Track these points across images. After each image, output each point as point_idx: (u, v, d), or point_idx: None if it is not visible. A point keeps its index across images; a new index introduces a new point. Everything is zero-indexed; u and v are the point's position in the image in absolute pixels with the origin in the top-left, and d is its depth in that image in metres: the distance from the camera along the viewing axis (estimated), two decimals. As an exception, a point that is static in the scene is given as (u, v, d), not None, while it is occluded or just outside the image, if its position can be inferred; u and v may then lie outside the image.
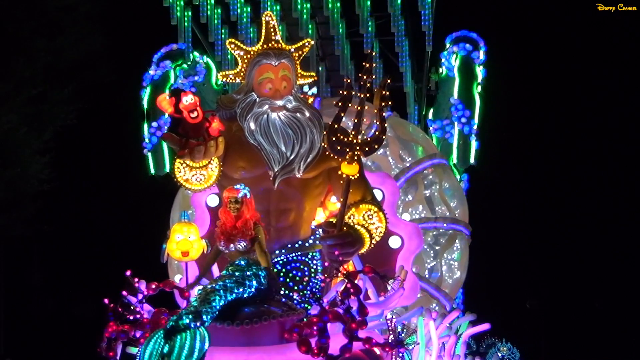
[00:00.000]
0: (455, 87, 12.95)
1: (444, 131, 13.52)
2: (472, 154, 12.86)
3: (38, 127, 15.41)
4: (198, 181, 7.86)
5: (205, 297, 6.61)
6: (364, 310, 6.70)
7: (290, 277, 7.96)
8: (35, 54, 15.20)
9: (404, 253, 9.09)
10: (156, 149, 13.15)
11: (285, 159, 7.99)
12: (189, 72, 13.57)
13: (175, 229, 8.02)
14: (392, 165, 10.85)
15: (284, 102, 8.05)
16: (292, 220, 8.20)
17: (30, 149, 15.42)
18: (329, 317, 6.47)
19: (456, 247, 10.93)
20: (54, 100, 15.69)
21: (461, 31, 13.32)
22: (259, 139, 8.00)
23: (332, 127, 7.49)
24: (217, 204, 9.17)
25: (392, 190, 9.35)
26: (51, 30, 15.47)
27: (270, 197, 8.06)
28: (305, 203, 8.27)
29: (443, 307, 10.26)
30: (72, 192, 17.64)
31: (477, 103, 12.82)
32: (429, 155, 10.93)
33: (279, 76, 8.10)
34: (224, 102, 8.29)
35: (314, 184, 8.28)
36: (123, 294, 7.05)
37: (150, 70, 13.36)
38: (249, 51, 8.31)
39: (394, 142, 10.92)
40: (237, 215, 7.31)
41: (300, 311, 7.27)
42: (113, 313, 6.95)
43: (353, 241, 7.68)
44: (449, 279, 10.87)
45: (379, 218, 8.03)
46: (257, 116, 8.03)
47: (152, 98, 13.19)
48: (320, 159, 8.10)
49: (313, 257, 8.21)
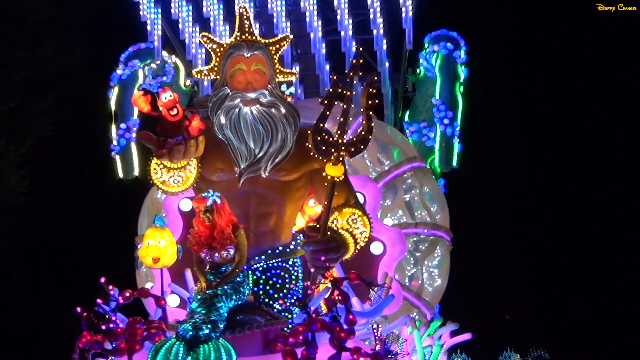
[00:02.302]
0: (437, 87, 12.87)
1: (420, 134, 13.45)
2: (454, 156, 12.79)
3: (16, 140, 15.41)
4: (176, 183, 7.68)
5: (211, 303, 6.47)
6: (352, 319, 6.54)
7: (270, 285, 7.76)
8: (13, 66, 15.24)
9: (386, 260, 8.98)
10: (125, 152, 12.97)
11: (252, 156, 7.79)
12: (157, 72, 13.39)
13: (147, 234, 7.83)
14: (370, 168, 10.69)
15: (256, 95, 7.87)
16: (272, 225, 8.00)
17: (9, 161, 15.43)
18: (317, 326, 6.31)
19: (437, 254, 10.80)
20: (32, 113, 15.73)
21: (440, 30, 13.27)
22: (228, 133, 7.82)
23: (317, 127, 7.35)
24: (190, 209, 9.00)
25: (373, 194, 9.22)
26: (30, 43, 15.53)
27: (249, 201, 7.86)
28: (287, 207, 8.08)
29: (424, 316, 10.12)
30: (50, 204, 17.56)
31: (460, 104, 12.75)
32: (409, 158, 10.79)
33: (251, 68, 7.95)
34: (200, 102, 8.15)
35: (296, 187, 8.11)
36: (98, 301, 6.82)
37: (117, 70, 13.17)
38: (222, 44, 8.20)
39: (372, 144, 10.67)
40: (212, 224, 7.08)
41: (283, 319, 7.12)
42: (86, 322, 6.73)
43: (338, 246, 7.53)
44: (429, 287, 10.74)
45: (364, 222, 7.89)
46: (228, 110, 7.86)
47: (120, 98, 13.02)
48: (302, 160, 7.94)
49: (294, 264, 8.02)
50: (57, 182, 17.55)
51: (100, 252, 16.65)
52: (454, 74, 12.91)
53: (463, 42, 13.06)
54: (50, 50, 15.81)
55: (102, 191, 15.53)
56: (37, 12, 15.48)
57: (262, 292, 7.67)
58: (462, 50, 12.99)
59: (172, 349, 6.29)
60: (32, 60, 15.52)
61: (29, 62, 15.46)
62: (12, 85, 15.11)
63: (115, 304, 7.13)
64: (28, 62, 15.43)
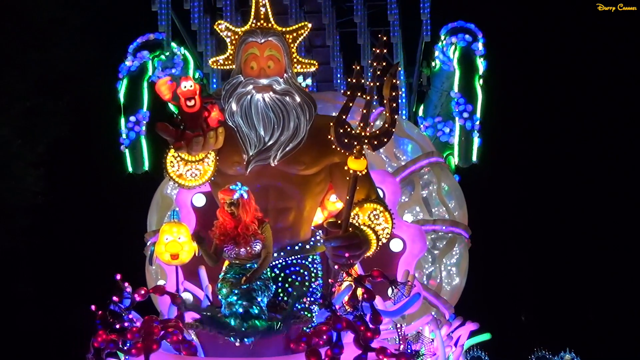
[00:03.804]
0: (455, 80, 12.71)
1: (435, 129, 13.33)
2: (474, 151, 12.64)
3: (31, 140, 15.43)
4: (193, 177, 7.54)
5: (251, 297, 6.47)
6: (378, 317, 6.39)
7: (289, 283, 7.63)
8: (28, 67, 15.24)
9: (406, 257, 8.87)
10: (134, 145, 12.84)
11: (262, 144, 7.69)
12: (166, 63, 13.24)
13: (164, 229, 7.69)
14: (386, 163, 10.53)
15: (269, 81, 7.77)
16: (291, 221, 7.87)
17: (24, 161, 15.45)
18: (343, 325, 6.14)
19: (455, 252, 10.65)
20: (47, 113, 15.68)
21: (457, 22, 13.12)
22: (238, 120, 7.72)
23: (340, 119, 7.19)
24: (203, 204, 8.87)
25: (393, 189, 9.11)
26: (43, 43, 15.48)
27: (268, 195, 7.72)
28: (306, 202, 7.95)
29: (442, 316, 9.97)
30: (62, 204, 17.58)
31: (480, 97, 12.59)
32: (426, 153, 10.64)
33: (264, 54, 7.86)
34: (219, 93, 7.99)
35: (315, 181, 7.97)
36: (114, 299, 6.65)
37: (126, 61, 13.04)
38: (237, 32, 8.10)
39: (388, 139, 10.61)
40: (238, 217, 6.91)
41: (305, 318, 6.96)
42: (102, 321, 6.57)
43: (360, 243, 7.37)
44: (447, 286, 10.59)
45: (385, 218, 7.72)
46: (240, 97, 7.76)
47: (129, 90, 12.88)
48: (323, 153, 7.83)
49: (313, 261, 7.90)
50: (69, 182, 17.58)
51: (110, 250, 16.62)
52: (472, 66, 12.76)
53: (481, 34, 12.91)
54: (63, 51, 15.78)
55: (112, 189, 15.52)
56: (49, 13, 15.46)
57: (281, 290, 7.53)
58: (480, 43, 12.84)
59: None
60: (46, 60, 15.51)
61: (43, 63, 15.45)
62: (26, 85, 15.15)
63: (129, 301, 6.97)
64: (42, 63, 15.43)
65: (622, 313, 19.93)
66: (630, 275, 19.98)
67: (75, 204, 18.08)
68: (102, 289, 7.06)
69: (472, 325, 9.25)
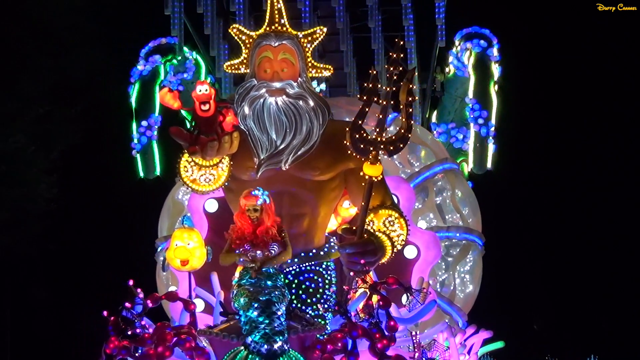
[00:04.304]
0: (470, 86, 12.66)
1: (448, 135, 13.28)
2: (489, 158, 12.58)
3: (45, 147, 15.48)
4: (207, 182, 7.49)
5: (271, 311, 6.34)
6: (394, 325, 6.34)
7: (303, 289, 7.59)
8: (41, 73, 15.27)
9: (420, 264, 8.79)
10: (145, 150, 12.82)
11: (273, 148, 7.65)
12: (178, 68, 13.22)
13: (175, 235, 7.62)
14: (399, 169, 10.47)
15: (282, 85, 7.73)
16: (305, 227, 7.81)
17: (38, 168, 15.49)
18: (359, 333, 6.09)
19: (469, 259, 10.57)
20: (61, 119, 15.75)
21: (472, 27, 13.07)
22: (250, 123, 7.68)
23: (356, 124, 7.14)
24: (216, 209, 8.81)
25: (407, 195, 9.04)
26: (57, 50, 15.54)
27: (282, 201, 7.63)
28: (320, 208, 7.89)
29: (456, 324, 9.90)
30: (77, 211, 17.63)
31: (495, 103, 12.54)
32: (440, 159, 10.57)
33: (278, 58, 7.82)
34: (233, 98, 7.95)
35: (330, 187, 7.92)
36: (126, 305, 6.60)
37: (138, 66, 13.02)
38: (252, 36, 8.08)
39: (403, 144, 10.54)
40: (258, 223, 6.86)
41: (320, 326, 6.90)
42: (114, 327, 6.51)
43: (375, 249, 7.32)
44: (460, 293, 10.51)
45: (400, 225, 7.69)
46: (253, 100, 7.73)
47: (141, 95, 12.86)
48: (338, 158, 7.77)
49: (327, 267, 7.85)
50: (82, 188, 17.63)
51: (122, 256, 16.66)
52: (487, 72, 12.73)
53: (496, 40, 12.86)
54: (77, 58, 15.85)
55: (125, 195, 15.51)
56: (64, 20, 15.53)
57: (295, 296, 7.48)
58: (495, 48, 12.79)
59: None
60: (60, 67, 15.54)
61: (57, 69, 15.49)
62: (40, 92, 15.19)
63: (141, 307, 6.92)
64: (56, 69, 15.46)
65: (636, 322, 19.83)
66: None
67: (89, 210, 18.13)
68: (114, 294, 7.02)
69: (486, 333, 9.16)
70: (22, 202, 15.22)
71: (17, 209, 15.19)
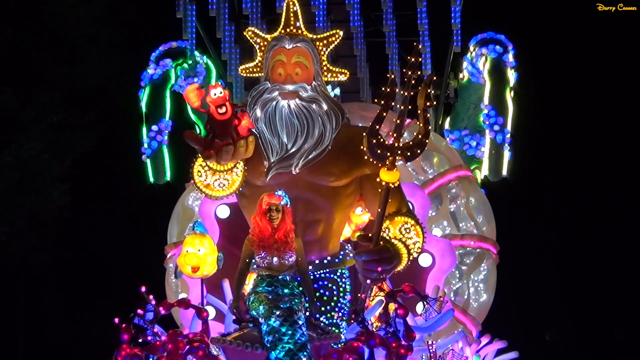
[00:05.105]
0: (486, 92, 12.59)
1: (462, 142, 13.20)
2: (504, 165, 12.50)
3: (59, 154, 15.44)
4: (221, 187, 7.43)
5: (293, 321, 6.34)
6: (411, 334, 6.27)
7: (317, 297, 7.48)
8: (56, 81, 15.27)
9: (435, 272, 8.75)
10: (156, 155, 12.77)
11: (284, 151, 7.60)
12: (189, 72, 13.16)
13: (186, 241, 7.59)
14: (413, 176, 10.39)
15: (295, 87, 7.68)
16: (320, 233, 7.75)
17: (51, 176, 15.43)
18: (376, 342, 6.02)
19: (483, 268, 10.48)
20: (75, 127, 15.75)
21: (487, 33, 13.01)
22: (261, 126, 7.63)
23: (373, 129, 7.08)
24: (227, 215, 8.74)
25: (422, 202, 8.97)
26: (72, 58, 15.58)
27: (297, 207, 7.53)
28: (335, 214, 7.82)
29: (470, 333, 9.81)
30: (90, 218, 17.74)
31: (511, 109, 12.47)
32: (454, 167, 10.49)
33: (291, 61, 7.79)
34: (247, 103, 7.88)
35: (345, 193, 7.85)
36: (138, 312, 6.53)
37: (148, 69, 12.98)
38: (267, 39, 8.05)
39: (416, 151, 10.45)
40: (277, 225, 6.78)
41: (335, 334, 6.84)
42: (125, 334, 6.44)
43: (391, 257, 7.27)
44: (474, 303, 10.41)
45: (417, 232, 7.63)
46: (265, 103, 7.69)
47: (152, 99, 12.81)
48: (353, 164, 7.71)
49: (342, 275, 7.78)
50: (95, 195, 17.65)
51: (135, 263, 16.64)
52: (503, 78, 12.67)
53: (511, 45, 12.79)
54: (92, 66, 15.90)
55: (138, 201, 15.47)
56: (79, 28, 15.58)
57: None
58: (510, 54, 12.73)
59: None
60: (75, 75, 15.57)
61: (72, 77, 15.50)
62: (55, 99, 15.14)
63: (152, 315, 6.85)
64: (71, 77, 15.47)
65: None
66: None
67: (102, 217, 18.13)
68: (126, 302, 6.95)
69: (500, 343, 9.09)
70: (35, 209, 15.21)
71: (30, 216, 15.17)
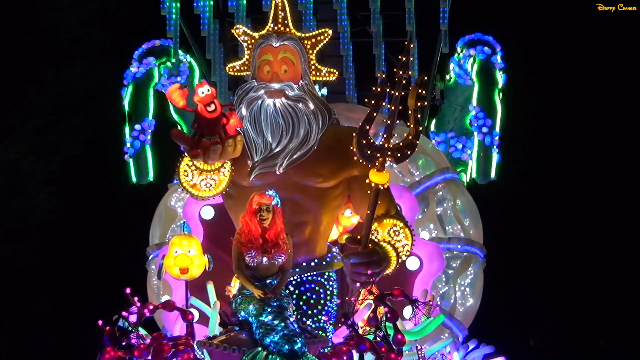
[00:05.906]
0: (474, 93, 12.55)
1: (448, 145, 13.15)
2: (492, 167, 12.47)
3: (45, 158, 15.39)
4: (207, 187, 7.34)
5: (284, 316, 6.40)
6: (402, 339, 6.22)
7: (304, 300, 7.48)
8: (44, 84, 15.15)
9: (422, 276, 8.68)
10: (138, 155, 12.67)
11: (268, 150, 7.55)
12: (172, 71, 13.06)
13: (173, 242, 7.50)
14: (399, 178, 10.34)
15: (281, 86, 7.64)
16: (307, 235, 7.71)
17: (37, 179, 15.39)
18: (366, 346, 5.96)
19: (470, 272, 10.43)
20: (62, 131, 15.62)
21: (475, 34, 12.97)
22: (246, 125, 7.58)
23: (363, 129, 7.02)
24: (212, 217, 8.66)
25: (410, 205, 8.93)
26: (60, 61, 15.46)
27: (284, 209, 7.37)
28: (323, 216, 7.78)
29: (456, 338, 9.76)
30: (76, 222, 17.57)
31: (499, 111, 12.44)
32: (441, 169, 10.43)
33: (278, 58, 7.74)
34: None
35: (333, 195, 7.80)
36: (123, 314, 6.45)
37: (131, 68, 12.85)
38: (254, 36, 8.01)
39: (402, 153, 10.39)
40: (268, 225, 6.71)
41: (323, 338, 6.78)
42: (109, 337, 6.36)
43: (380, 260, 7.21)
44: (460, 307, 10.37)
45: (405, 235, 7.57)
46: (251, 101, 7.65)
47: (135, 98, 12.71)
48: (342, 165, 7.67)
49: (329, 278, 7.74)
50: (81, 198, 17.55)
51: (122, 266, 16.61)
52: (491, 79, 12.61)
53: (499, 47, 12.76)
54: (80, 69, 15.75)
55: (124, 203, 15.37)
56: (68, 31, 15.43)
57: (295, 307, 7.32)
58: (499, 55, 12.70)
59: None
60: (63, 78, 15.43)
61: (60, 81, 15.37)
62: (42, 103, 15.05)
63: (136, 317, 6.77)
64: (58, 81, 15.35)
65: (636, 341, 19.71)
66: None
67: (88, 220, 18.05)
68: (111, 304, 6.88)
69: (487, 348, 9.05)
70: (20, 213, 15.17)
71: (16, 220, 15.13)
